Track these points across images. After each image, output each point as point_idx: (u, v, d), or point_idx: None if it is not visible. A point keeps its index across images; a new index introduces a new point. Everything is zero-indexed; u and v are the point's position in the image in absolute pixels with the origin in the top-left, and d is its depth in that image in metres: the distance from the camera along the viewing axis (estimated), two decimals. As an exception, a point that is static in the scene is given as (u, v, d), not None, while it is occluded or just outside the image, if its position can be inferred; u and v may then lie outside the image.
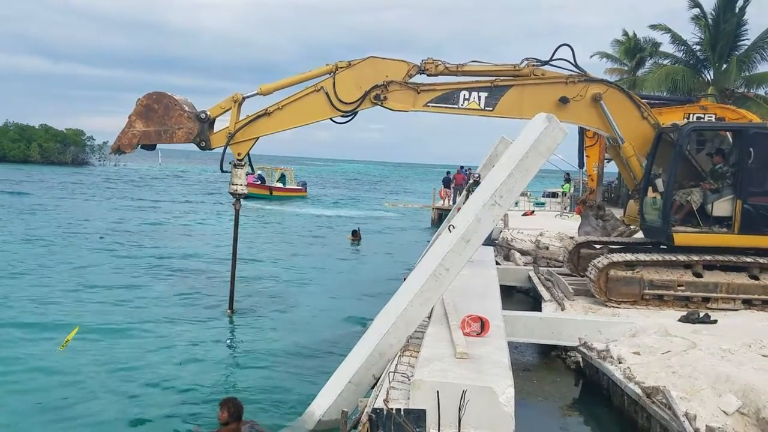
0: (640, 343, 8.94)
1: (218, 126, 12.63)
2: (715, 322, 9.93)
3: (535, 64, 12.17)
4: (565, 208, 32.35)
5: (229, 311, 13.19)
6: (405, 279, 8.14)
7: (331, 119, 12.29)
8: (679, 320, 10.02)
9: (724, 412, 6.78)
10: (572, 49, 12.11)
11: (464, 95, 12.05)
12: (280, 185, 51.98)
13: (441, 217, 31.53)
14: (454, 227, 7.75)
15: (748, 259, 11.08)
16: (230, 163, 12.59)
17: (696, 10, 34.14)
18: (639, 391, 7.47)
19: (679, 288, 10.98)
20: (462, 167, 37.12)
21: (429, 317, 8.27)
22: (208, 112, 12.33)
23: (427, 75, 12.27)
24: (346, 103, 12.08)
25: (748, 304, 10.89)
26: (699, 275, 11.05)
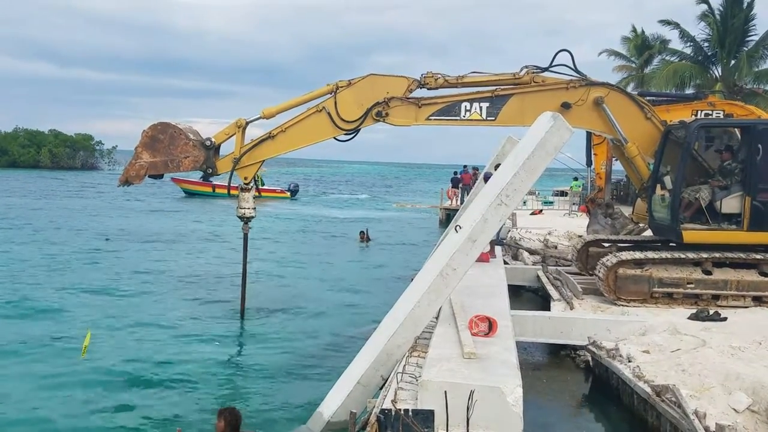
0: (650, 342, 8.92)
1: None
2: (724, 319, 9.87)
3: (534, 71, 12.17)
4: (573, 205, 32.30)
5: (240, 319, 13.26)
6: (413, 279, 8.15)
7: (334, 138, 12.37)
8: (689, 318, 9.97)
9: (735, 410, 6.76)
10: (571, 54, 12.10)
11: (465, 107, 12.08)
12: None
13: (449, 217, 31.48)
14: (460, 227, 7.75)
15: (758, 256, 11.02)
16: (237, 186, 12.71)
17: (703, 6, 34.00)
18: (649, 389, 7.44)
19: (688, 286, 10.93)
20: (466, 166, 37.01)
21: (437, 317, 8.28)
22: (213, 139, 12.45)
23: (428, 89, 12.30)
24: (348, 121, 12.13)
25: (758, 301, 10.82)
26: (708, 272, 11.00)
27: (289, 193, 52.41)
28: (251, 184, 12.68)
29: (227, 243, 25.16)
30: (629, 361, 8.35)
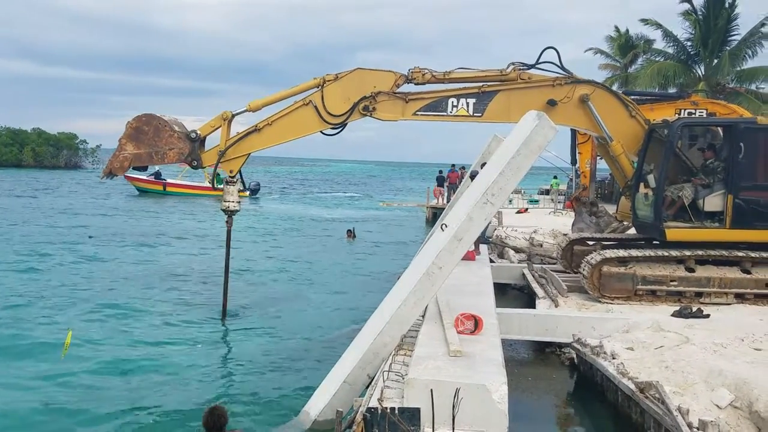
0: (634, 339, 8.99)
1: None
2: (707, 316, 9.98)
3: (521, 68, 12.22)
4: (558, 203, 32.51)
5: (222, 318, 13.15)
6: (399, 278, 8.16)
7: (320, 132, 12.34)
8: (672, 315, 10.07)
9: (717, 405, 6.83)
10: (557, 52, 12.16)
11: (452, 102, 12.11)
12: (208, 184, 48.66)
13: (435, 215, 31.56)
14: (446, 226, 7.78)
15: (740, 253, 11.15)
16: (222, 179, 12.63)
17: (686, 5, 34.28)
18: (632, 386, 7.51)
19: (671, 283, 11.04)
20: (453, 165, 37.11)
21: (423, 316, 8.31)
22: (198, 131, 12.38)
23: (415, 84, 12.30)
24: (335, 115, 12.10)
25: (740, 298, 10.95)
26: (691, 270, 11.12)
27: (248, 192, 49.40)
28: (236, 178, 12.63)
29: (209, 241, 25.13)
30: (613, 358, 8.41)
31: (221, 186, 12.87)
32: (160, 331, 12.41)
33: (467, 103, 12.13)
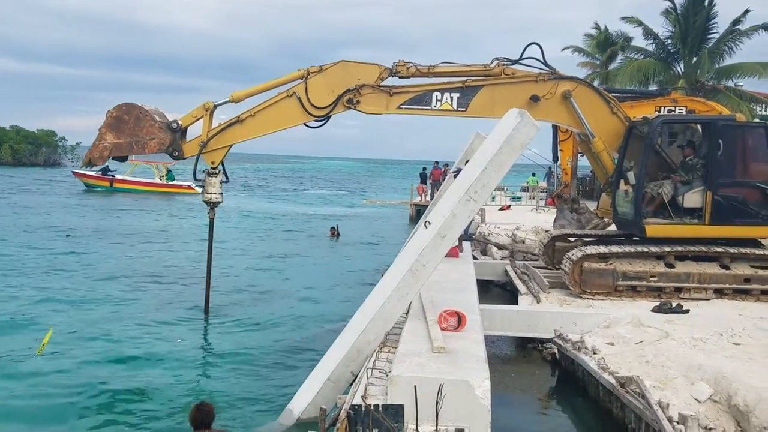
0: (614, 334, 9.09)
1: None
2: (687, 311, 10.10)
3: (505, 63, 12.25)
4: (540, 200, 32.73)
5: (204, 315, 13.07)
6: (383, 275, 8.18)
7: (304, 124, 12.26)
8: (652, 310, 10.19)
9: (697, 400, 6.93)
10: (541, 48, 12.24)
11: (437, 96, 12.11)
12: (158, 181, 48.31)
13: (419, 212, 31.58)
14: (430, 223, 7.81)
15: (719, 249, 11.30)
16: (203, 171, 12.52)
17: (667, 3, 34.53)
18: (613, 380, 7.60)
19: (651, 279, 11.17)
20: (437, 162, 37.18)
21: (406, 313, 8.33)
22: (180, 121, 12.24)
23: (399, 77, 12.27)
24: (319, 107, 12.03)
25: (719, 293, 11.11)
26: (671, 266, 11.25)
27: (200, 189, 48.16)
28: (218, 169, 12.53)
29: (184, 237, 25.02)
30: (594, 353, 8.50)
31: (200, 181, 12.73)
32: (141, 329, 12.29)
33: (451, 98, 12.14)
